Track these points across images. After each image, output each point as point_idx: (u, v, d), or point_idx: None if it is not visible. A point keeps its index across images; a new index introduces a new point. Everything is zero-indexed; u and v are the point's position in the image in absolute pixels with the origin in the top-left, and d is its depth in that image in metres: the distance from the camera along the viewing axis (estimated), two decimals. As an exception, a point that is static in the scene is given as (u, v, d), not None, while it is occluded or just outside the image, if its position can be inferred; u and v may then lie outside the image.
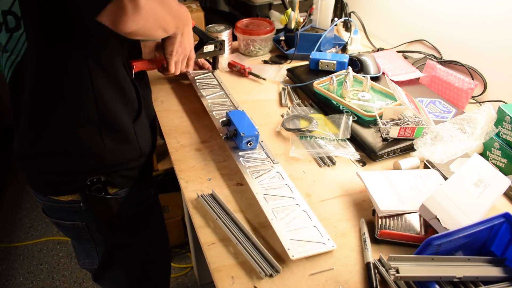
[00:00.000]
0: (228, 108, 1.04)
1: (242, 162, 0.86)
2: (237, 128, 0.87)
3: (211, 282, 1.84)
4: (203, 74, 1.19)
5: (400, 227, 0.71)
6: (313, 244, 0.69)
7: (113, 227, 0.91)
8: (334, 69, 1.17)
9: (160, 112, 1.07)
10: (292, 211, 0.75)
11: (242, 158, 0.87)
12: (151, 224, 1.03)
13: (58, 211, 0.88)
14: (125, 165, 0.86)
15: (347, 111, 1.00)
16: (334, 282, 0.64)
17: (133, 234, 0.97)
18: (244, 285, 0.64)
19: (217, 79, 1.17)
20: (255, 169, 0.84)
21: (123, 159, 0.85)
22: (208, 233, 0.73)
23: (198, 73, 1.19)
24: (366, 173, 0.80)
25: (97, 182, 0.82)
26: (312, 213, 0.75)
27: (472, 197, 0.71)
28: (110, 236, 0.92)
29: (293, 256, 0.66)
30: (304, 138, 0.95)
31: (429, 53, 1.27)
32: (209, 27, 1.33)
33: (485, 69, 1.12)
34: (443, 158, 0.83)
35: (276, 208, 0.75)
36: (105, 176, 0.83)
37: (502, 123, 0.85)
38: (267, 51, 1.38)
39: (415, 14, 1.33)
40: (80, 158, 0.80)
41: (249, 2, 1.61)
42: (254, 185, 0.80)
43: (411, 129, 0.89)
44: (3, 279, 1.86)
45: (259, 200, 0.76)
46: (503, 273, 0.64)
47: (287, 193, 0.79)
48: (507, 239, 0.65)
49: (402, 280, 0.61)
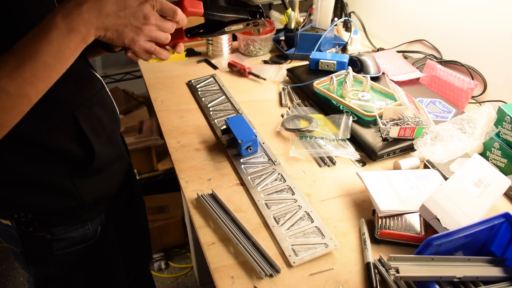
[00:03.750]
0: (229, 113, 1.05)
1: (244, 170, 0.86)
2: (235, 135, 0.88)
3: (211, 282, 1.84)
4: (205, 80, 1.20)
5: (400, 227, 0.71)
6: (314, 247, 0.69)
7: (43, 262, 0.82)
8: (334, 69, 1.17)
9: (160, 112, 1.08)
10: (294, 214, 0.75)
11: (243, 165, 0.87)
12: (89, 265, 0.89)
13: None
14: (59, 212, 0.77)
15: (347, 111, 1.00)
16: (334, 282, 0.64)
17: (68, 271, 0.86)
18: (244, 285, 0.64)
19: (218, 83, 1.18)
20: (257, 174, 0.85)
21: (55, 207, 0.76)
22: (208, 233, 0.73)
23: (200, 80, 1.20)
24: (366, 173, 0.80)
25: (24, 216, 0.73)
26: (314, 213, 0.75)
27: (472, 197, 0.70)
28: (41, 268, 0.84)
29: (294, 263, 0.66)
30: (304, 138, 0.95)
31: (429, 53, 1.27)
32: (209, 27, 1.33)
33: (485, 69, 1.12)
34: (443, 158, 0.83)
35: (277, 214, 0.75)
36: (33, 214, 0.74)
37: (502, 123, 0.85)
38: (267, 51, 1.38)
39: (415, 14, 1.33)
40: (6, 189, 0.72)
41: (249, 2, 1.61)
42: (255, 193, 0.80)
43: (411, 129, 0.89)
44: (3, 279, 1.86)
45: (259, 207, 0.77)
46: (503, 273, 0.64)
47: (289, 196, 0.80)
48: (507, 239, 0.65)
49: (402, 280, 0.61)
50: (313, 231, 0.72)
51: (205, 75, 1.23)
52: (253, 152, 0.90)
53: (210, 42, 1.33)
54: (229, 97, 1.12)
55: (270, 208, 0.77)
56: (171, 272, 1.87)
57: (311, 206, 0.77)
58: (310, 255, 0.67)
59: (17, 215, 0.73)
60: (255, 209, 0.78)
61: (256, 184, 0.82)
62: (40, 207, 0.75)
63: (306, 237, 0.71)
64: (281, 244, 0.70)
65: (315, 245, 0.69)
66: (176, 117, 1.05)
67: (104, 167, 0.80)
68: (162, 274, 1.86)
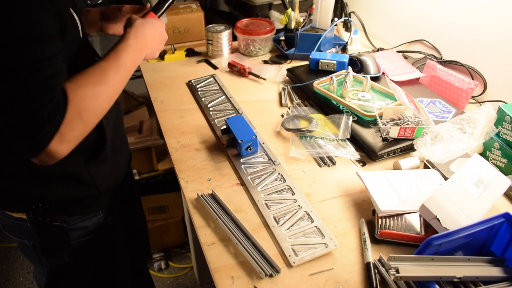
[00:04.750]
0: (229, 113, 1.05)
1: (244, 170, 0.86)
2: (235, 135, 0.88)
3: (211, 282, 1.84)
4: (205, 80, 1.20)
5: (400, 227, 0.71)
6: (314, 247, 0.69)
7: (57, 253, 0.85)
8: (334, 69, 1.17)
9: (160, 112, 1.07)
10: (294, 214, 0.75)
11: (243, 165, 0.87)
12: (98, 256, 0.94)
13: (7, 225, 0.84)
14: (76, 201, 0.81)
15: (347, 111, 1.00)
16: (334, 282, 0.64)
17: (79, 262, 0.90)
18: (244, 285, 0.64)
19: (219, 83, 1.18)
20: (257, 174, 0.85)
21: (72, 196, 0.79)
22: (208, 233, 0.73)
23: (200, 80, 1.20)
24: (366, 173, 0.80)
25: (42, 207, 0.77)
26: (314, 213, 0.75)
27: (472, 197, 0.70)
28: (55, 260, 0.88)
29: (294, 263, 0.66)
30: (304, 138, 0.95)
31: (429, 53, 1.27)
32: (209, 27, 1.33)
33: (485, 69, 1.12)
34: (443, 158, 0.83)
35: (277, 214, 0.76)
36: (51, 205, 0.78)
37: (502, 123, 0.85)
38: (267, 51, 1.38)
39: (415, 14, 1.33)
40: (24, 182, 0.75)
41: (249, 2, 1.61)
42: (255, 193, 0.80)
43: (411, 129, 0.89)
44: (3, 279, 1.86)
45: (259, 207, 0.77)
46: (503, 273, 0.64)
47: (289, 196, 0.80)
48: (507, 239, 0.65)
49: (402, 280, 0.61)
50: (313, 231, 0.72)
51: (205, 75, 1.23)
52: (253, 152, 0.90)
53: (210, 42, 1.33)
54: (229, 97, 1.12)
55: (270, 208, 0.77)
56: (171, 272, 1.87)
57: (311, 206, 0.77)
58: (310, 255, 0.68)
59: (34, 206, 0.76)
60: (255, 209, 0.78)
61: (256, 184, 0.82)
62: (58, 197, 0.78)
63: (306, 237, 0.71)
64: (281, 244, 0.70)
65: (315, 245, 0.69)
66: (176, 117, 1.05)
67: (113, 153, 0.84)
68: (162, 274, 1.86)
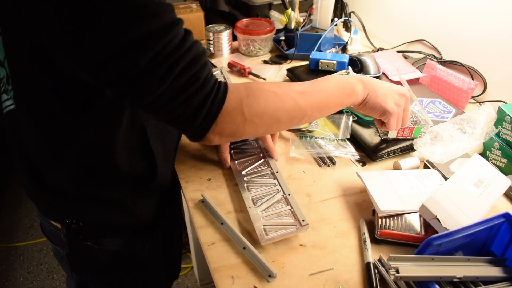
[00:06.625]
0: None
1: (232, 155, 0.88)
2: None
3: (211, 282, 1.84)
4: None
5: (400, 227, 0.71)
6: (285, 228, 0.70)
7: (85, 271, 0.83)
8: (334, 69, 1.17)
9: (160, 112, 1.07)
10: (272, 197, 0.77)
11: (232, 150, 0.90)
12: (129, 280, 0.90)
13: (46, 229, 0.83)
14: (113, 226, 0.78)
15: (347, 111, 1.00)
16: (334, 282, 0.64)
17: (108, 282, 0.88)
18: (244, 285, 0.64)
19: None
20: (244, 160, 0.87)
21: (110, 221, 0.77)
22: (208, 233, 0.73)
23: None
24: (366, 173, 0.80)
25: (76, 223, 0.74)
26: (291, 197, 0.76)
27: (472, 197, 0.71)
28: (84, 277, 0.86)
29: (263, 242, 0.68)
30: (304, 138, 0.95)
31: (429, 53, 1.27)
32: (209, 27, 1.33)
33: (485, 69, 1.12)
34: (443, 158, 0.83)
35: (255, 196, 0.77)
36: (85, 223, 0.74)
37: (502, 123, 0.85)
38: (267, 51, 1.38)
39: (415, 14, 1.33)
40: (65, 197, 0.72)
41: (249, 2, 1.61)
42: (238, 176, 0.82)
43: (410, 129, 0.89)
44: (3, 279, 1.86)
45: (240, 189, 0.79)
46: (503, 273, 0.64)
47: (270, 180, 0.81)
48: (507, 239, 0.65)
49: (402, 280, 0.61)
50: (287, 214, 0.73)
51: (205, 75, 1.23)
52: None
53: (210, 42, 1.33)
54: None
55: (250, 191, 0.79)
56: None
57: (311, 206, 0.77)
58: (280, 236, 0.69)
59: (68, 221, 0.73)
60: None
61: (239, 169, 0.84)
62: (95, 218, 0.75)
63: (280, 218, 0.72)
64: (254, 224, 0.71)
65: (286, 226, 0.71)
66: (176, 117, 1.05)
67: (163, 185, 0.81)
68: (162, 274, 1.86)
